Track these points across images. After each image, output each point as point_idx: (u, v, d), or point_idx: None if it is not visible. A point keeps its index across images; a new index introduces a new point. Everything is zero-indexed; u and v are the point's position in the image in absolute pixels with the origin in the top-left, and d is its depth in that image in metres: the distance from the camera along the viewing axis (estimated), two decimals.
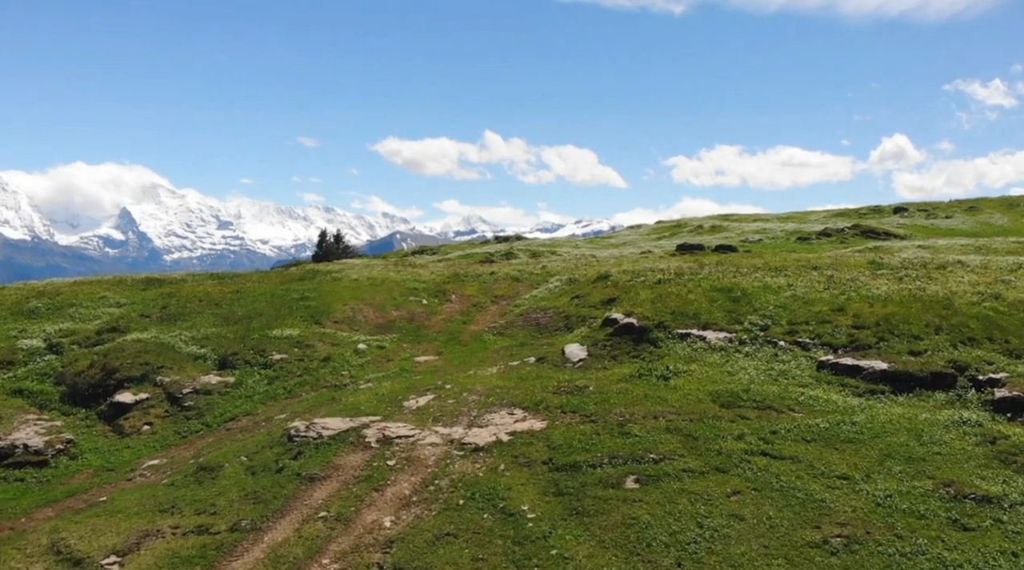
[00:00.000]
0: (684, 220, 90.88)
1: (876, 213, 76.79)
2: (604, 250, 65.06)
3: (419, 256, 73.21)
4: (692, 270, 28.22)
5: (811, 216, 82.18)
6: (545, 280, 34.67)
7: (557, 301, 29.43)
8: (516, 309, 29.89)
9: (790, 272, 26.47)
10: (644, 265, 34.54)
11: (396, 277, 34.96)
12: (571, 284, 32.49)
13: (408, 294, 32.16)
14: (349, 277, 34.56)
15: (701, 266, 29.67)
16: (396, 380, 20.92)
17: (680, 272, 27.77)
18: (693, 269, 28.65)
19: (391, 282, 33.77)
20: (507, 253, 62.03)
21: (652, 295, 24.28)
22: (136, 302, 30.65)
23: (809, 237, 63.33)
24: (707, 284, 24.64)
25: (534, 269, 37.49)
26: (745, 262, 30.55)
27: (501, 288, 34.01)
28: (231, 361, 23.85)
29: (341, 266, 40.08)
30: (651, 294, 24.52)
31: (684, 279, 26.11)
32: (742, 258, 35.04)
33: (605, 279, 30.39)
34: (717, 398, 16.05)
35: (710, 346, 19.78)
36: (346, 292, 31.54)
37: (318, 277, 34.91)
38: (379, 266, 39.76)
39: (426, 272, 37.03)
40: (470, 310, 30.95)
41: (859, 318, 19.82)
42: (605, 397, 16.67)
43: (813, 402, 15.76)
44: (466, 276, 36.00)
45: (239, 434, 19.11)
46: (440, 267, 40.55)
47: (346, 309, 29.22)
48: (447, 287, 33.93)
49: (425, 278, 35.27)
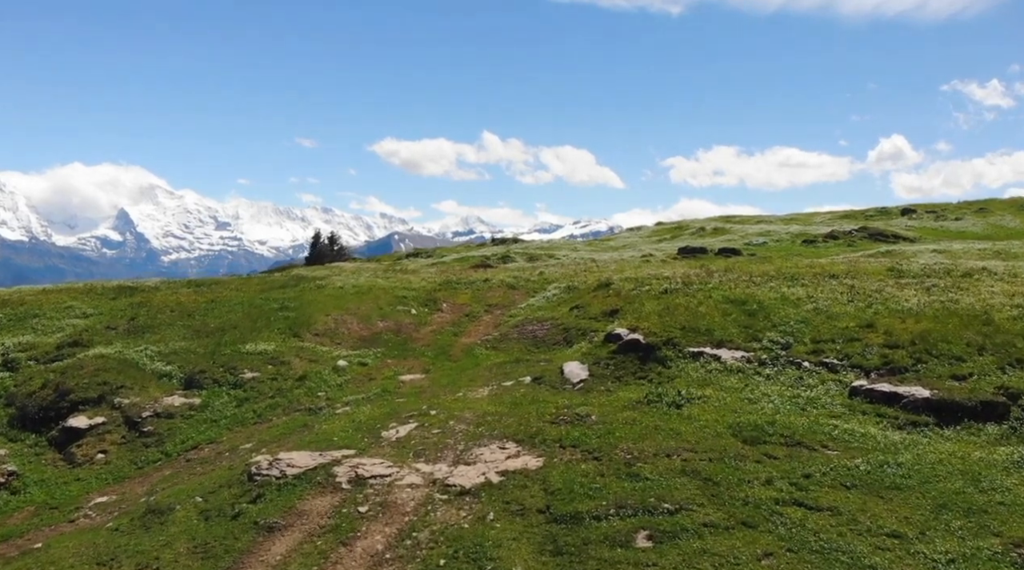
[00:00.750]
0: (685, 222, 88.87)
1: (883, 215, 74.82)
2: (603, 253, 63.07)
3: (414, 259, 71.20)
4: (701, 278, 26.20)
5: (815, 218, 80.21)
6: (543, 288, 32.68)
7: (555, 311, 27.42)
8: (511, 320, 27.87)
9: (807, 281, 24.45)
10: (648, 272, 32.53)
11: (384, 284, 32.91)
12: (570, 292, 30.50)
13: (396, 303, 30.12)
14: (334, 285, 32.51)
15: (710, 274, 27.65)
16: (376, 403, 18.88)
17: (688, 281, 25.75)
18: (702, 277, 26.63)
19: (378, 290, 31.73)
20: (503, 256, 60.03)
21: (659, 307, 22.27)
22: (104, 312, 28.57)
23: (815, 240, 61.35)
24: (719, 295, 22.60)
25: (531, 275, 35.47)
26: (756, 269, 28.54)
27: (496, 296, 31.98)
28: (198, 380, 21.82)
29: (327, 272, 38.02)
30: (658, 306, 22.50)
31: (693, 289, 24.08)
32: (751, 264, 33.04)
33: (606, 287, 28.38)
34: (739, 431, 14.03)
35: (726, 367, 17.74)
36: (329, 301, 29.50)
37: (301, 284, 32.87)
38: (368, 272, 37.67)
39: (417, 278, 34.99)
40: (462, 320, 28.93)
41: (891, 335, 17.79)
42: (610, 429, 14.64)
43: (849, 437, 13.73)
44: (459, 283, 33.94)
45: (199, 466, 17.08)
46: (432, 273, 38.50)
47: (328, 320, 27.17)
48: (438, 295, 31.88)
49: (415, 285, 33.23)
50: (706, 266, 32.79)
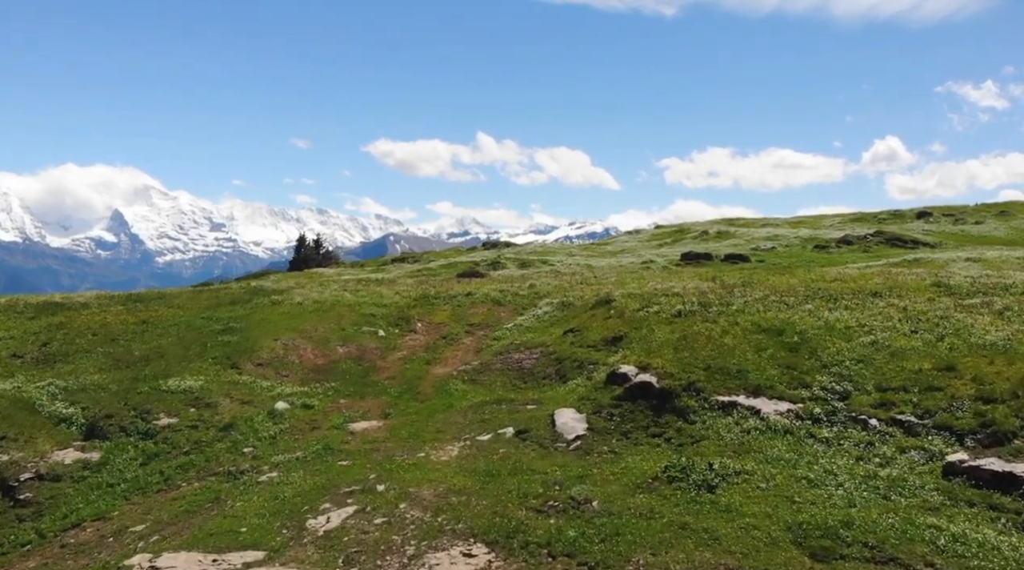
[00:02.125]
0: (686, 225, 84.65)
1: (896, 218, 70.61)
2: (600, 259, 58.86)
3: (399, 264, 66.99)
4: (719, 296, 21.99)
5: (823, 221, 76.00)
6: (533, 303, 28.45)
7: (547, 334, 23.21)
8: (495, 344, 23.64)
9: (849, 301, 20.23)
10: (653, 284, 28.29)
11: (351, 300, 28.62)
12: (564, 310, 26.30)
13: (362, 322, 25.87)
14: (292, 300, 28.22)
15: (729, 290, 23.45)
16: (312, 468, 14.59)
17: (705, 300, 21.52)
18: (720, 295, 22.43)
19: (343, 307, 27.46)
20: (494, 262, 55.79)
21: (673, 335, 18.07)
22: (15, 336, 24.23)
23: (828, 245, 57.17)
24: (747, 320, 18.38)
25: (520, 288, 31.19)
26: (781, 283, 24.34)
27: (479, 314, 27.70)
28: (103, 427, 17.55)
29: (292, 283, 33.68)
30: (671, 334, 18.31)
31: (713, 311, 19.85)
32: (770, 274, 28.80)
33: (607, 305, 24.19)
34: (802, 536, 9.80)
35: (768, 425, 13.48)
36: (282, 321, 25.23)
37: (255, 300, 28.59)
38: (337, 284, 33.21)
39: (390, 292, 30.70)
40: (438, 344, 24.69)
41: (982, 383, 13.58)
42: (617, 526, 10.43)
43: (961, 548, 9.48)
44: (437, 298, 29.65)
45: (72, 557, 12.85)
46: (410, 284, 34.18)
47: (276, 346, 22.90)
48: (412, 313, 27.60)
49: (387, 300, 28.94)
50: (720, 279, 28.57)
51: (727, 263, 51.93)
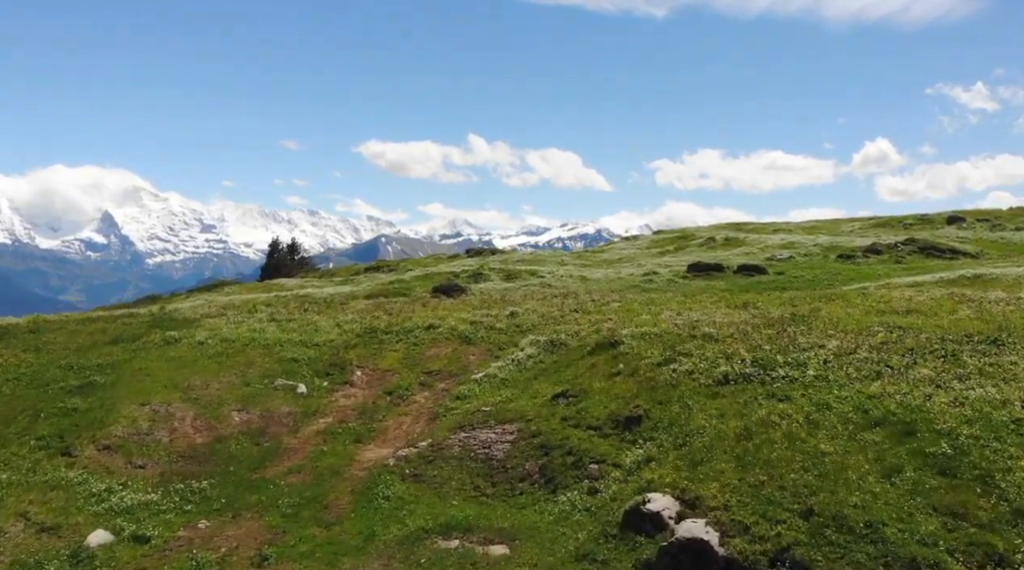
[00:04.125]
0: (688, 230, 77.88)
1: (925, 223, 63.88)
2: (596, 269, 52.02)
3: (373, 273, 60.02)
4: (776, 344, 15.15)
5: (841, 226, 69.26)
6: (513, 340, 21.60)
7: (528, 395, 16.39)
8: (457, 408, 16.80)
9: (973, 359, 13.39)
10: (670, 314, 21.44)
11: (272, 337, 21.66)
12: (554, 352, 19.49)
13: (278, 372, 19.00)
14: (194, 338, 21.24)
15: (781, 330, 16.63)
16: None
17: (759, 353, 14.62)
18: (772, 339, 15.60)
19: (257, 348, 20.54)
20: (476, 273, 48.88)
21: (726, 426, 11.28)
22: None
23: (854, 254, 50.43)
24: (842, 401, 11.51)
25: (498, 319, 24.22)
26: (846, 317, 17.56)
27: (440, 357, 20.80)
28: None
29: (209, 307, 26.65)
30: (721, 421, 11.51)
31: (778, 377, 12.99)
32: (824, 303, 21.82)
33: (612, 350, 17.43)
34: None
35: None
36: (166, 372, 18.31)
37: (149, 336, 21.58)
38: (263, 312, 25.89)
39: (329, 323, 23.68)
40: (378, 405, 17.84)
41: None
42: None
43: None
44: (388, 332, 22.64)
45: None
46: (362, 307, 27.11)
47: (142, 415, 16.02)
48: (351, 356, 20.67)
49: (321, 337, 21.97)
50: (757, 308, 21.73)
51: (741, 275, 45.24)
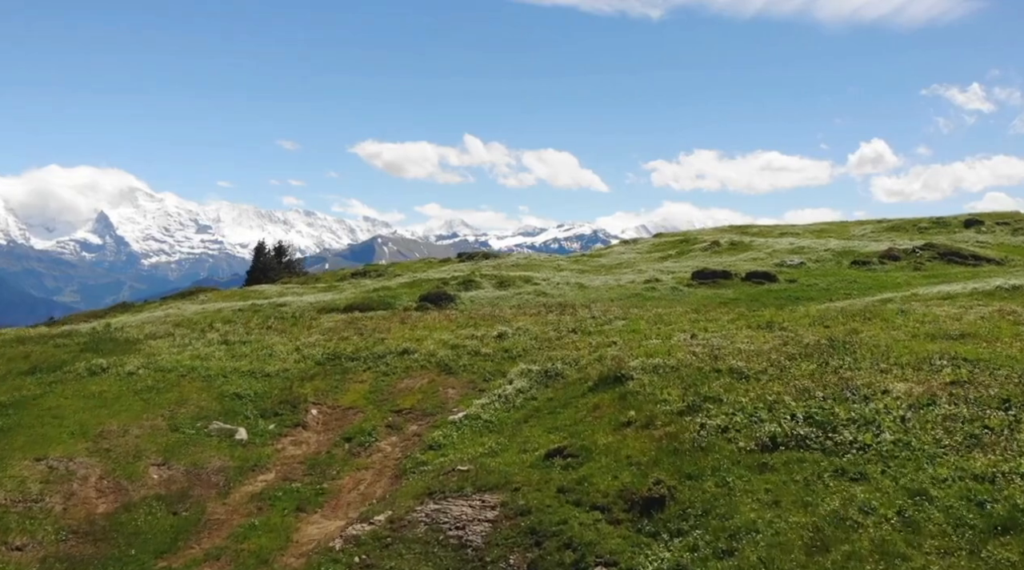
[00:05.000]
0: (690, 234, 74.71)
1: (940, 227, 60.73)
2: (595, 276, 48.88)
3: (358, 279, 56.82)
4: (823, 384, 12.02)
5: (851, 229, 66.08)
6: (500, 369, 18.45)
7: (515, 448, 13.27)
8: (427, 466, 13.64)
9: None
10: (684, 337, 18.32)
11: (216, 366, 18.44)
12: (548, 385, 16.38)
13: (216, 413, 15.87)
14: (124, 368, 18.02)
15: (823, 363, 13.54)
16: None
17: (812, 404, 11.50)
18: (814, 374, 12.47)
19: (196, 381, 17.37)
20: (467, 280, 45.71)
21: (790, 529, 8.17)
22: None
23: (868, 260, 47.34)
24: (948, 490, 8.37)
25: (484, 341, 20.99)
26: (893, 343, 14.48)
27: (414, 391, 17.64)
28: None
29: (158, 329, 23.48)
30: (779, 516, 8.40)
31: (842, 442, 9.86)
32: (861, 323, 18.65)
33: (619, 386, 14.35)
34: None
35: None
36: (77, 414, 15.14)
37: (75, 364, 18.36)
38: (216, 333, 22.68)
39: (287, 347, 20.47)
40: (333, 457, 14.71)
41: None
42: None
43: None
44: (355, 358, 19.43)
45: None
46: (329, 328, 23.86)
47: (34, 474, 12.89)
48: (307, 389, 17.49)
49: (275, 366, 18.76)
50: (783, 329, 18.60)
51: (751, 283, 42.14)
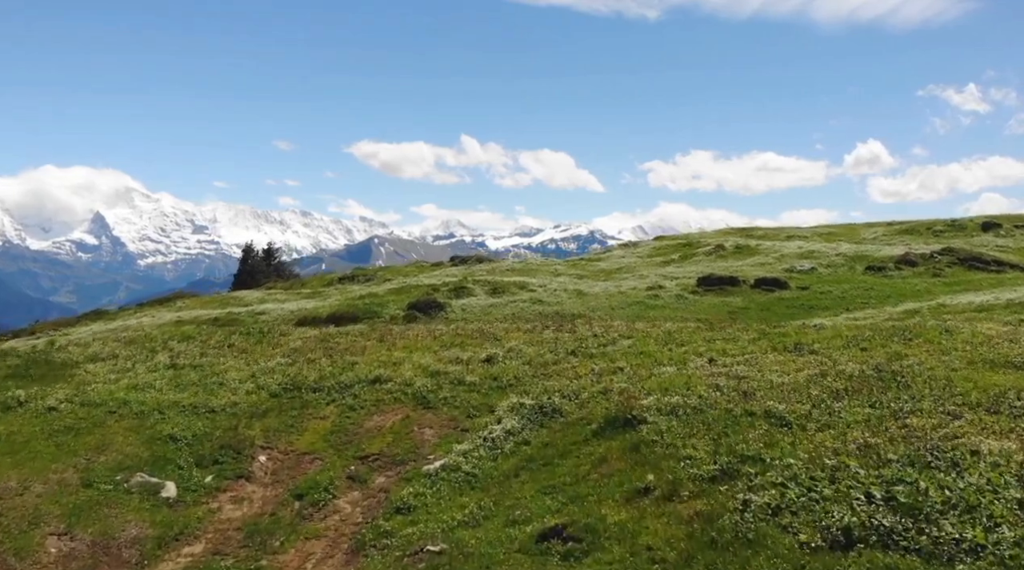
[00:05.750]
0: (693, 237, 72.04)
1: (956, 230, 58.03)
2: (594, 281, 46.19)
3: (346, 284, 54.09)
4: (887, 436, 9.36)
5: (862, 232, 63.39)
6: (487, 403, 15.71)
7: (505, 523, 10.54)
8: (392, 538, 10.86)
9: None
10: (702, 363, 15.63)
11: (152, 399, 15.61)
12: (543, 425, 13.68)
13: (141, 461, 13.14)
14: (44, 403, 15.17)
15: (871, 399, 10.89)
16: None
17: (899, 493, 8.83)
18: (878, 427, 9.82)
19: (127, 417, 14.61)
20: (459, 287, 42.97)
21: None
22: None
23: (884, 266, 44.70)
24: None
25: (470, 367, 18.16)
26: (956, 377, 11.80)
27: (384, 431, 14.85)
28: None
29: (99, 348, 20.66)
30: None
31: (945, 542, 7.21)
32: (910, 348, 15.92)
33: (630, 432, 11.67)
34: None
35: None
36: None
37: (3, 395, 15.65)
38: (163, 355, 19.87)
39: (242, 373, 17.63)
40: (277, 522, 12.00)
41: None
42: None
43: None
44: (318, 390, 16.63)
45: None
46: (295, 348, 21.16)
47: None
48: (256, 430, 14.67)
49: (222, 399, 15.90)
50: (811, 349, 15.88)
51: (760, 291, 39.48)
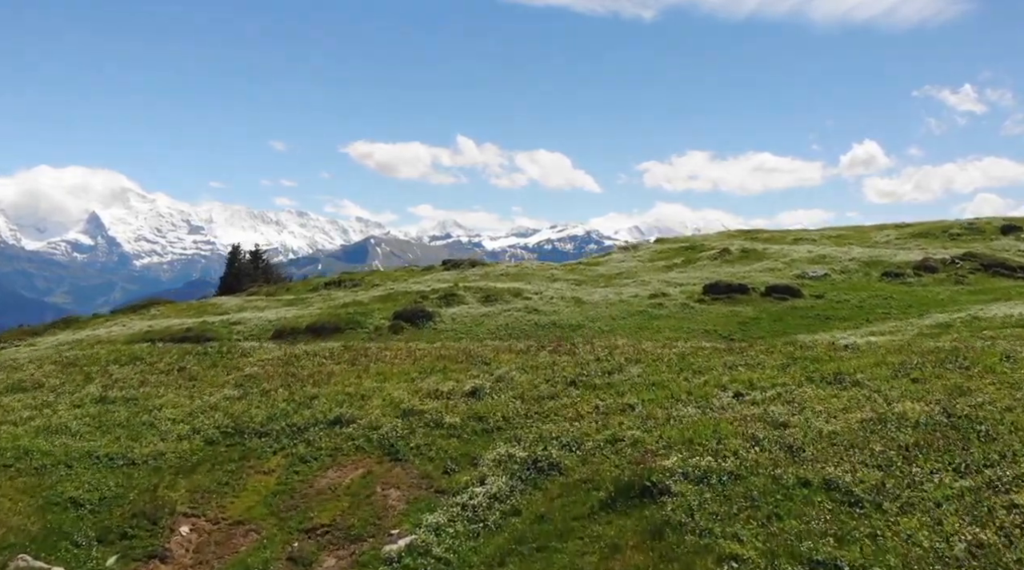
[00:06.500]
0: (695, 239, 69.23)
1: (974, 233, 55.31)
2: (592, 288, 43.36)
3: (332, 289, 51.29)
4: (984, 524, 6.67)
5: (873, 236, 60.61)
6: (468, 452, 12.94)
7: None
8: None
9: None
10: (727, 399, 12.91)
11: (62, 448, 12.78)
12: (539, 486, 10.95)
13: (28, 536, 10.32)
14: None
15: (953, 461, 8.25)
16: None
17: None
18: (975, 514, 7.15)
19: (24, 475, 11.78)
20: (449, 293, 40.14)
21: None
22: None
23: (902, 272, 41.97)
24: None
25: (450, 403, 15.36)
26: None
27: (339, 492, 12.07)
28: None
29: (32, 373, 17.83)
30: None
31: None
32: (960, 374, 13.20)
33: (649, 506, 8.98)
34: None
35: None
36: None
37: None
38: (96, 384, 17.13)
39: (179, 411, 14.76)
40: None
41: None
42: None
43: None
44: (264, 435, 13.77)
45: None
46: (251, 375, 18.32)
47: None
48: (180, 490, 11.82)
49: (145, 448, 13.02)
50: (854, 381, 13.15)
51: (772, 299, 36.75)
